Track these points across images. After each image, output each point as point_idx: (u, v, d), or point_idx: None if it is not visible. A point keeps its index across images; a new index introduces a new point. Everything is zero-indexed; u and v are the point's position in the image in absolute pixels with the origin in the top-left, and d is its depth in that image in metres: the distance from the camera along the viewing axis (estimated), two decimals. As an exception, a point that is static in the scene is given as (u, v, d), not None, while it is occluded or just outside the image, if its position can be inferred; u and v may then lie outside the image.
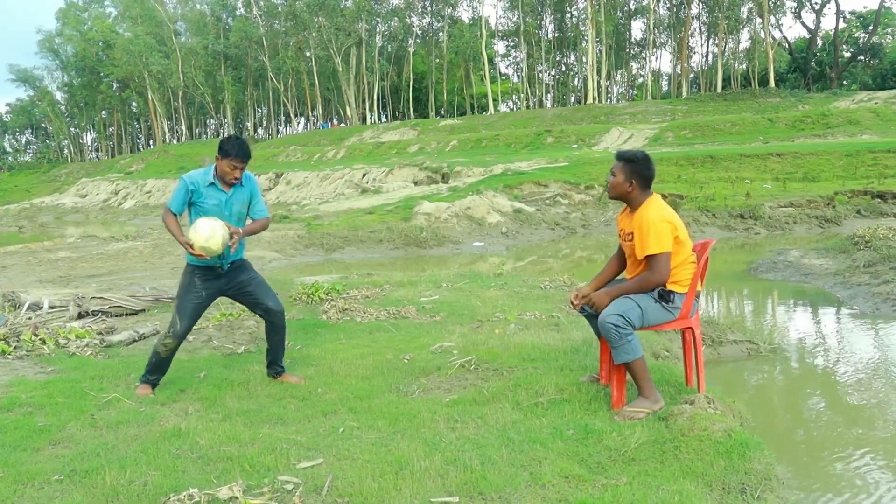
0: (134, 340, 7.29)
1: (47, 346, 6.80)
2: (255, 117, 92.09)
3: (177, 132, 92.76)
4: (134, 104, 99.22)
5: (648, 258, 4.54)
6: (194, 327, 7.04)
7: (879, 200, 24.82)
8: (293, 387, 5.38)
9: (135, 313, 9.02)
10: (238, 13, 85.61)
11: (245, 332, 7.28)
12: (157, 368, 5.43)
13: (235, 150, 5.22)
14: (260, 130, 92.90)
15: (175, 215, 5.29)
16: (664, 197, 17.30)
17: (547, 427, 4.19)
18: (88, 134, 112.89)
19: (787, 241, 20.27)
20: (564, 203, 27.58)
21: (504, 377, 5.31)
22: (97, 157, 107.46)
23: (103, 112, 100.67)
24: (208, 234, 5.02)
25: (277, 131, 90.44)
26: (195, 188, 5.26)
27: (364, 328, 7.53)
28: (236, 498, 3.32)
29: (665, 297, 4.63)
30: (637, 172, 4.74)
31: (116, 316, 8.71)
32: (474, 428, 4.26)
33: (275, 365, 5.73)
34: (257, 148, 68.09)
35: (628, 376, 4.63)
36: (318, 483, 3.50)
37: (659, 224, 4.54)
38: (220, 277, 5.47)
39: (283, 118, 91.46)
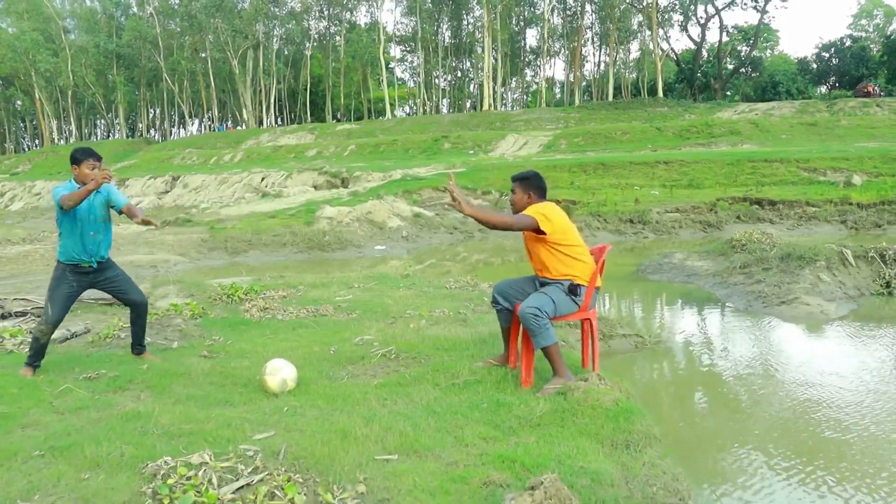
0: (67, 338, 7.68)
1: (-18, 346, 7.15)
2: (148, 118, 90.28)
3: (65, 132, 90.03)
4: (19, 102, 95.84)
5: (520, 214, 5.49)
6: (124, 325, 7.56)
7: (757, 207, 26.50)
8: (233, 374, 5.94)
9: (57, 314, 9.34)
10: (131, 12, 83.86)
11: (175, 329, 7.74)
12: (38, 354, 6.16)
13: (89, 153, 6.04)
14: (153, 132, 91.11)
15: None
16: (558, 202, 18.41)
17: (465, 402, 4.93)
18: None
19: (673, 245, 21.52)
20: (463, 208, 28.42)
21: (422, 364, 6.02)
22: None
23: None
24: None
25: (171, 133, 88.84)
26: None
27: (287, 325, 8.11)
28: (207, 462, 3.89)
29: (574, 290, 5.50)
30: (533, 186, 5.70)
31: (39, 317, 9.03)
32: (403, 404, 4.96)
33: (137, 345, 6.63)
34: (151, 150, 67.06)
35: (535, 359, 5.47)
36: (275, 449, 4.11)
37: (544, 210, 5.50)
38: (89, 274, 6.24)
39: (177, 120, 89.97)
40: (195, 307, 8.66)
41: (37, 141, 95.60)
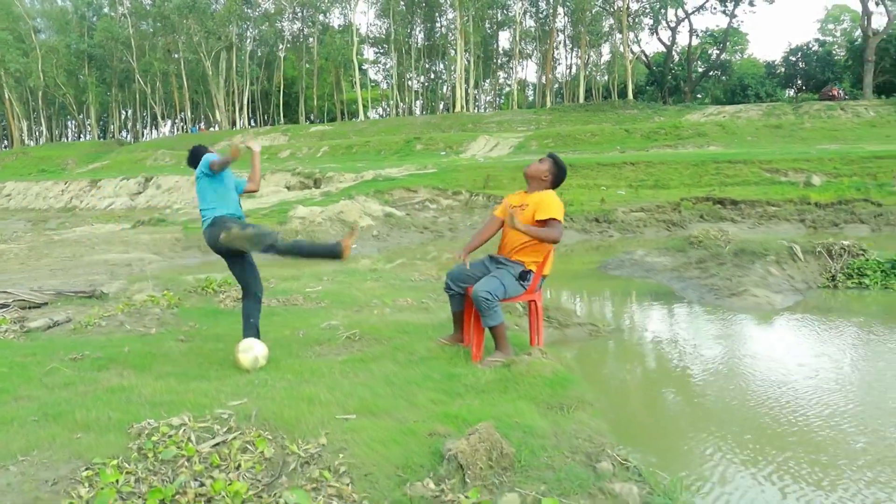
0: (49, 326, 8.11)
1: (-31, 333, 7.58)
2: (120, 119, 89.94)
3: (36, 133, 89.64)
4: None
5: (551, 220, 5.90)
6: (104, 314, 8.01)
7: (720, 206, 27.25)
8: (208, 355, 6.42)
9: (38, 306, 9.75)
10: (103, 12, 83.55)
11: (153, 318, 8.20)
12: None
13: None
14: (125, 133, 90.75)
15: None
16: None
17: (419, 374, 5.48)
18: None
19: (637, 243, 22.12)
20: (433, 208, 28.98)
21: (384, 344, 6.54)
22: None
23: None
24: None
25: (143, 134, 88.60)
26: None
27: (262, 315, 8.59)
28: (186, 423, 4.39)
29: (524, 276, 6.07)
30: (556, 174, 6.27)
31: (22, 309, 9.45)
32: (363, 376, 5.48)
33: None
34: (123, 151, 66.93)
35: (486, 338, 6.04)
36: (247, 413, 4.61)
37: (560, 203, 6.04)
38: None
39: (149, 121, 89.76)
40: (171, 298, 9.12)
41: (6, 142, 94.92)
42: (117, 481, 3.67)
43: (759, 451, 5.10)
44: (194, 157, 6.72)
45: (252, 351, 5.91)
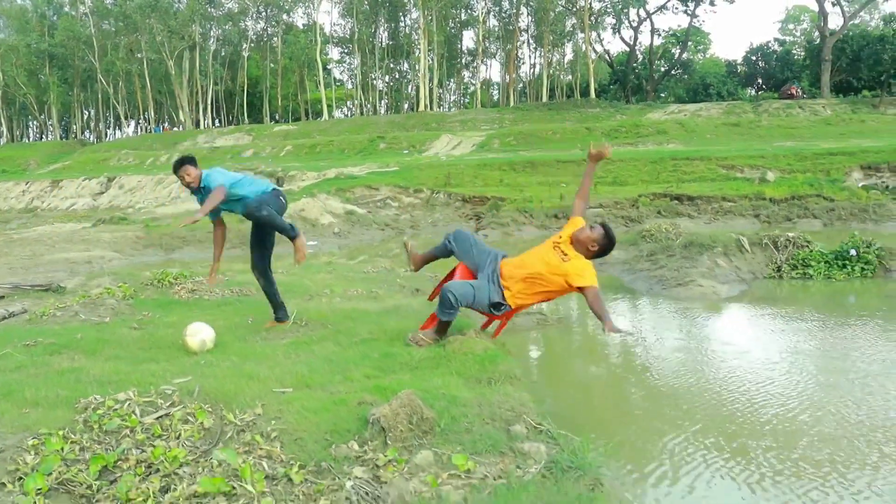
0: (4, 318, 8.30)
1: (-74, 322, 7.75)
2: (82, 120, 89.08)
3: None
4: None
5: (590, 288, 5.93)
6: (60, 306, 8.20)
7: (677, 202, 27.76)
8: (159, 341, 6.64)
9: (-5, 299, 9.92)
10: (64, 11, 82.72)
11: (108, 308, 8.38)
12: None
13: (176, 165, 7.00)
14: (87, 133, 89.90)
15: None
16: (487, 199, 19.60)
17: (358, 354, 5.76)
18: None
19: (595, 239, 22.55)
20: (394, 206, 29.24)
21: (329, 328, 6.81)
22: None
23: None
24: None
25: (106, 134, 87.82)
26: None
27: (212, 303, 8.82)
28: (131, 398, 4.63)
29: (497, 307, 6.12)
30: (605, 246, 6.27)
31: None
32: (304, 357, 5.75)
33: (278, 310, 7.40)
34: (86, 151, 66.32)
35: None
36: (190, 389, 4.85)
37: (593, 270, 6.05)
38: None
39: (112, 121, 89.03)
40: (127, 289, 9.32)
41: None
42: (62, 449, 3.90)
43: (671, 420, 5.49)
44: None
45: (199, 335, 6.14)
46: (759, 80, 76.96)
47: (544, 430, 4.14)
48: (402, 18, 78.89)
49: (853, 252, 14.36)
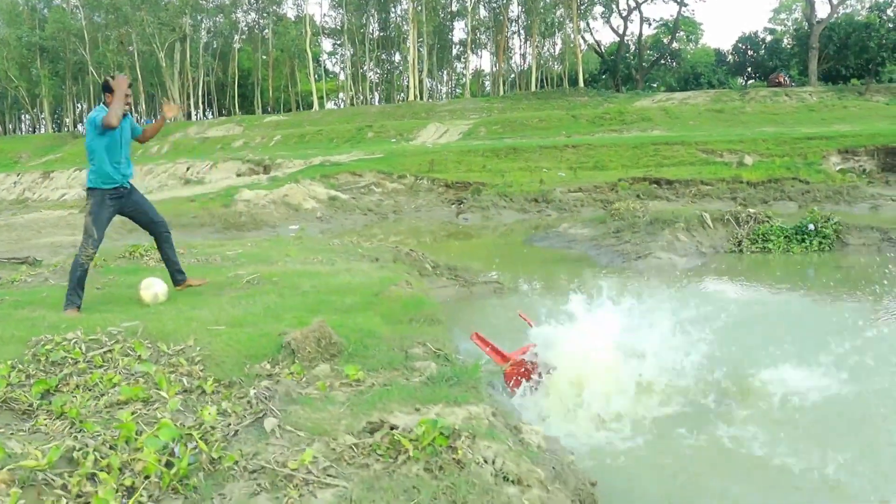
0: (-21, 284, 8.74)
1: None
2: (74, 112, 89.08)
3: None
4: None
5: None
6: (31, 273, 8.64)
7: (655, 186, 28.25)
8: (118, 298, 7.09)
9: (-27, 272, 10.34)
10: (55, 3, 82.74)
11: (76, 275, 8.83)
12: (80, 284, 6.63)
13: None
14: (80, 126, 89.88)
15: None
16: (469, 185, 20.05)
17: (296, 302, 6.24)
18: None
19: (574, 221, 22.99)
20: (378, 191, 29.67)
21: (277, 285, 7.28)
22: None
23: None
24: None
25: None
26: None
27: (177, 270, 9.28)
28: (78, 337, 5.08)
29: None
30: None
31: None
32: (246, 304, 6.22)
33: (177, 273, 7.41)
34: (77, 144, 66.35)
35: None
36: (135, 330, 5.31)
37: None
38: (122, 198, 6.91)
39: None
40: (97, 259, 9.75)
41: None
42: (9, 375, 4.35)
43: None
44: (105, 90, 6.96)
45: (152, 288, 6.60)
46: (749, 69, 77.29)
47: (441, 354, 4.60)
48: (392, 9, 79.10)
49: (811, 227, 14.89)
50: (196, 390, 4.02)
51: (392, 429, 3.18)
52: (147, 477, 2.81)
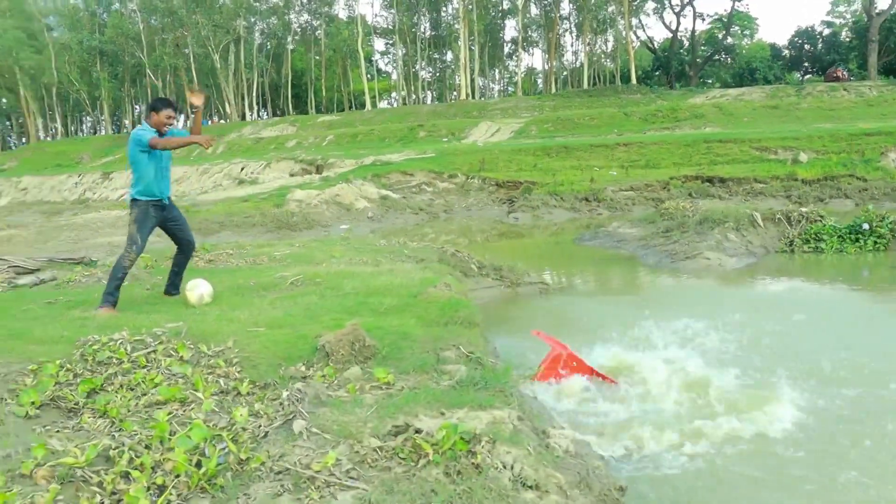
0: (36, 284, 9.02)
1: (-38, 287, 8.50)
2: (133, 114, 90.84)
3: (51, 129, 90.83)
4: (4, 100, 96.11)
5: None
6: (85, 273, 8.88)
7: (708, 184, 27.93)
8: (166, 298, 7.27)
9: (31, 272, 10.65)
10: (114, 8, 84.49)
11: (128, 275, 9.05)
12: (118, 287, 6.90)
13: (167, 103, 7.06)
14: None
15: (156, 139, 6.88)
16: (520, 183, 20.03)
17: (335, 303, 6.33)
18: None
19: (624, 220, 22.84)
20: (429, 190, 29.79)
21: (319, 286, 7.40)
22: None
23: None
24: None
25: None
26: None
27: (225, 270, 9.47)
28: (124, 337, 5.25)
29: None
30: None
31: (17, 275, 10.35)
32: (286, 306, 6.35)
33: (173, 287, 7.50)
34: (135, 145, 67.87)
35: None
36: (179, 331, 5.46)
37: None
38: (163, 209, 7.17)
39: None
40: (148, 259, 10.01)
41: (23, 138, 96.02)
42: (57, 374, 4.52)
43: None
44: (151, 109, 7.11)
45: (198, 289, 6.76)
46: (806, 64, 75.96)
47: (473, 357, 4.66)
48: (443, 8, 79.20)
49: (866, 226, 14.59)
50: (232, 391, 4.14)
51: (417, 432, 3.25)
52: (177, 476, 2.92)
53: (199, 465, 2.99)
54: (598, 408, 5.14)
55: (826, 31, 74.76)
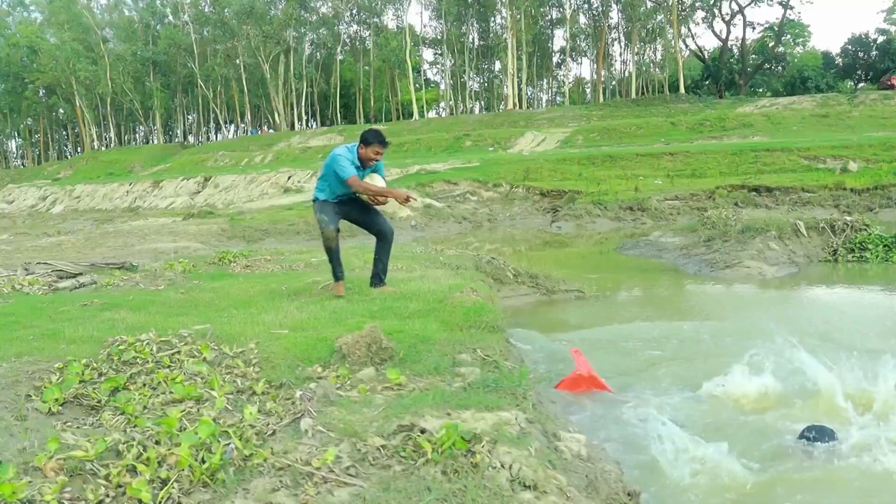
0: (76, 287, 9.20)
1: (5, 289, 8.70)
2: (184, 124, 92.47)
3: (105, 139, 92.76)
4: (61, 110, 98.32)
5: None
6: (124, 277, 9.05)
7: (754, 193, 27.59)
8: (198, 302, 7.38)
9: (73, 276, 10.88)
10: (167, 20, 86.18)
11: (165, 280, 9.22)
12: (337, 262, 7.36)
13: (378, 138, 7.24)
14: (190, 137, 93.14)
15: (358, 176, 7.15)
16: (564, 193, 20.11)
17: (363, 308, 6.37)
18: (13, 141, 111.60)
19: (668, 230, 22.67)
20: (473, 199, 29.86)
21: (349, 290, 7.43)
22: (22, 164, 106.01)
23: (28, 119, 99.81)
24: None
25: (208, 138, 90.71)
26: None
27: (260, 276, 9.58)
28: (150, 338, 5.34)
29: None
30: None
31: (60, 279, 10.58)
32: (313, 309, 6.39)
33: (377, 277, 7.64)
34: (186, 153, 69.11)
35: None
36: (204, 333, 5.54)
37: None
38: (345, 204, 7.39)
39: (213, 125, 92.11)
40: (186, 264, 10.18)
41: (78, 148, 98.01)
42: (82, 372, 4.62)
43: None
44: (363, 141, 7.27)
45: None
46: (859, 72, 74.67)
47: (490, 360, 4.66)
48: (491, 18, 79.36)
49: (913, 235, 14.34)
50: (248, 391, 4.19)
51: (422, 432, 3.27)
52: (181, 470, 2.97)
53: (203, 460, 3.03)
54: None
55: (881, 39, 73.37)
